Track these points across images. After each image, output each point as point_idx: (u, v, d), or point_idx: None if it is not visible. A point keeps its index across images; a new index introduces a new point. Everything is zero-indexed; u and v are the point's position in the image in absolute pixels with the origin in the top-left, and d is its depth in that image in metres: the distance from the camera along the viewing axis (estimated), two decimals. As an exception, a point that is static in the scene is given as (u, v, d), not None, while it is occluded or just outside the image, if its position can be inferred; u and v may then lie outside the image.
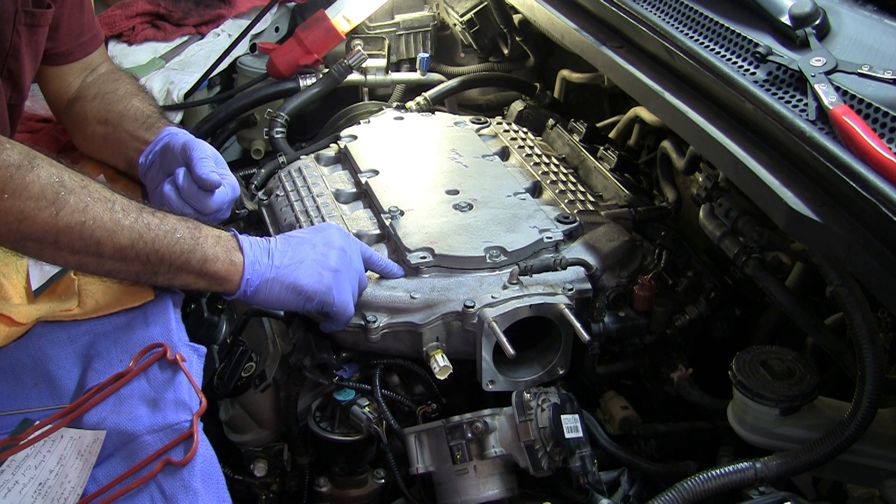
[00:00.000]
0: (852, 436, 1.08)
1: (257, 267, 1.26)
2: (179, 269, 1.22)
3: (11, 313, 1.33)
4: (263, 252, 1.28)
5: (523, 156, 1.77)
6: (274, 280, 1.27)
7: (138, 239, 1.18)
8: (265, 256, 1.28)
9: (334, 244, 1.33)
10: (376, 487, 1.41)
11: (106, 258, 1.18)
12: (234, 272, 1.25)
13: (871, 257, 1.00)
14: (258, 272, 1.26)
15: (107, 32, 2.19)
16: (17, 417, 1.21)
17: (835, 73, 1.16)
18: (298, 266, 1.28)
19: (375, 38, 2.25)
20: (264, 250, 1.28)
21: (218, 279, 1.25)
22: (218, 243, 1.25)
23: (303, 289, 1.27)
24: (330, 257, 1.31)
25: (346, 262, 1.32)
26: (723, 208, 1.42)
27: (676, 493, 1.08)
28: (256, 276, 1.26)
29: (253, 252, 1.27)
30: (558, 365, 1.41)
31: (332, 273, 1.29)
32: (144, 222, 1.19)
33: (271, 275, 1.26)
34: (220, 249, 1.24)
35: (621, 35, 1.54)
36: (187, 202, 1.40)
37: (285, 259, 1.28)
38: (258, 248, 1.28)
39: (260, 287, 1.26)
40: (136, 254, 1.19)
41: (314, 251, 1.31)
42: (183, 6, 2.30)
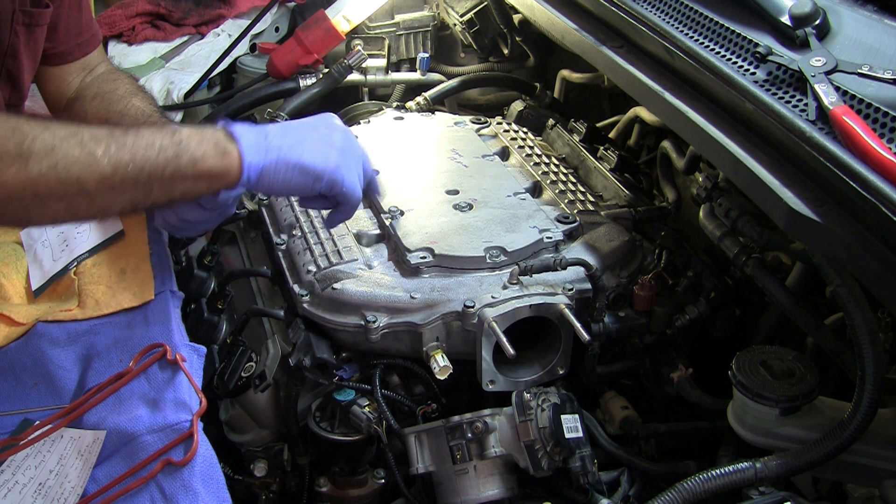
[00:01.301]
0: (852, 436, 1.08)
1: (256, 150, 1.18)
2: (172, 180, 1.14)
3: (11, 313, 1.33)
4: (260, 135, 1.20)
5: (523, 156, 1.77)
6: (278, 161, 1.19)
7: (118, 163, 1.10)
8: (262, 138, 1.20)
9: (336, 126, 1.28)
10: (376, 487, 1.41)
11: (93, 194, 1.10)
12: (231, 163, 1.17)
13: (871, 257, 1.00)
14: (258, 156, 1.18)
15: (107, 32, 2.20)
16: (17, 417, 1.21)
17: (835, 73, 1.16)
18: (301, 143, 1.21)
19: (375, 38, 2.25)
20: (261, 133, 1.20)
21: (215, 175, 1.16)
22: (203, 140, 1.16)
23: (309, 167, 1.20)
24: (333, 137, 1.25)
25: (349, 143, 1.27)
26: (723, 208, 1.42)
27: (676, 493, 1.08)
28: (257, 160, 1.18)
29: (248, 137, 1.19)
30: (558, 365, 1.41)
31: (337, 152, 1.23)
32: (119, 144, 1.11)
33: (273, 156, 1.19)
34: (209, 145, 1.16)
35: (621, 35, 1.54)
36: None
37: (286, 139, 1.21)
38: (253, 133, 1.20)
39: (264, 171, 1.18)
40: (121, 180, 1.10)
41: (316, 132, 1.24)
42: (183, 6, 2.30)
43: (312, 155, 1.21)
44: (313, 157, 1.21)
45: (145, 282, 1.38)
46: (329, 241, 1.49)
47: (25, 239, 1.53)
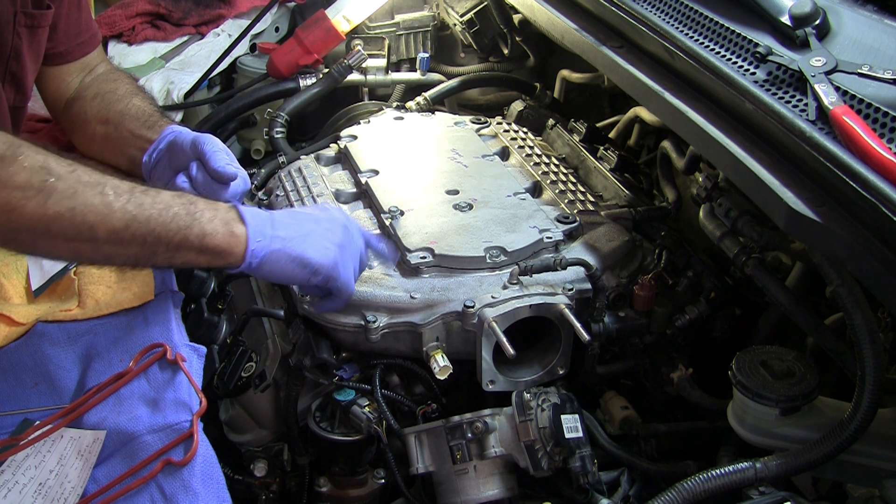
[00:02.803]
0: (852, 436, 1.08)
1: (261, 238, 1.22)
2: (178, 247, 1.18)
3: (11, 313, 1.33)
4: (267, 223, 1.24)
5: (523, 156, 1.77)
6: (280, 252, 1.23)
7: (132, 220, 1.14)
8: (269, 227, 1.24)
9: (338, 220, 1.32)
10: (376, 487, 1.41)
11: (101, 243, 1.14)
12: (237, 244, 1.21)
13: (871, 257, 1.00)
14: (263, 243, 1.22)
15: (107, 32, 2.20)
16: (17, 417, 1.21)
17: (835, 73, 1.16)
18: (305, 238, 1.25)
19: (375, 38, 2.25)
20: (268, 221, 1.24)
21: (219, 253, 1.20)
22: (216, 216, 1.20)
23: (309, 261, 1.24)
24: (335, 232, 1.29)
25: (349, 238, 1.31)
26: (723, 208, 1.42)
27: (676, 493, 1.08)
28: (261, 247, 1.22)
29: (255, 223, 1.23)
30: (558, 365, 1.41)
31: (337, 248, 1.27)
32: (137, 202, 1.15)
33: (277, 246, 1.23)
34: (219, 223, 1.20)
35: (621, 35, 1.54)
36: (202, 195, 1.39)
37: (290, 231, 1.25)
38: (261, 219, 1.24)
39: (265, 258, 1.22)
40: (131, 235, 1.14)
41: (319, 225, 1.29)
42: (183, 6, 2.30)
43: (314, 250, 1.25)
44: (314, 252, 1.25)
45: (145, 282, 1.38)
46: (329, 241, 1.49)
47: (25, 239, 1.53)
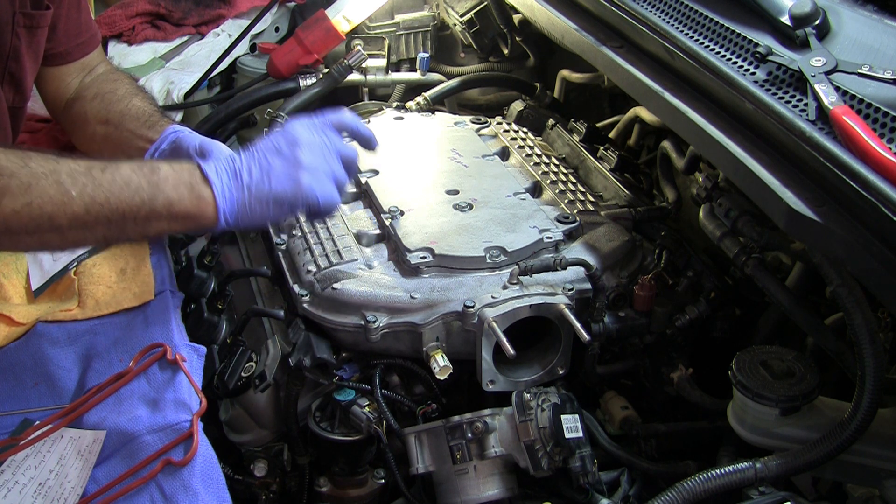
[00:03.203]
0: (852, 436, 1.08)
1: (229, 193, 1.19)
2: (147, 220, 1.16)
3: (11, 313, 1.33)
4: (231, 175, 1.21)
5: (523, 156, 1.77)
6: (252, 200, 1.20)
7: (92, 203, 1.12)
8: (234, 179, 1.21)
9: (300, 141, 1.26)
10: (376, 487, 1.41)
11: (65, 230, 1.12)
12: (206, 206, 1.18)
13: (871, 257, 1.00)
14: (232, 198, 1.19)
15: (106, 32, 2.20)
16: (17, 417, 1.21)
17: (835, 73, 1.16)
18: (269, 176, 1.22)
19: (375, 38, 2.25)
20: (231, 173, 1.21)
21: (190, 217, 1.18)
22: (180, 181, 1.18)
23: (282, 198, 1.21)
24: (299, 156, 1.24)
25: (317, 154, 1.26)
26: (723, 208, 1.42)
27: (676, 493, 1.08)
28: (231, 202, 1.19)
29: (221, 180, 1.20)
30: (558, 365, 1.41)
31: (305, 171, 1.23)
32: (96, 184, 1.12)
33: (246, 195, 1.20)
34: (184, 188, 1.18)
35: (621, 35, 1.54)
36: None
37: (254, 174, 1.22)
38: (225, 174, 1.21)
39: (239, 212, 1.20)
40: (94, 218, 1.12)
41: (280, 156, 1.24)
42: (183, 6, 2.30)
43: (281, 184, 1.21)
44: (283, 187, 1.21)
45: (145, 282, 1.38)
46: (329, 241, 1.49)
47: (25, 239, 1.53)
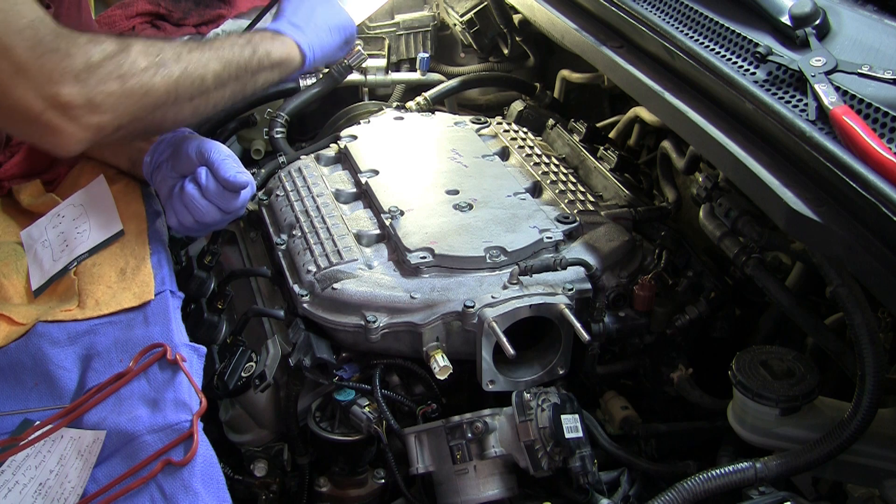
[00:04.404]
0: (852, 436, 1.08)
1: (298, 35, 1.48)
2: (257, 71, 1.41)
3: (11, 313, 1.33)
4: (291, 26, 1.50)
5: (523, 156, 1.77)
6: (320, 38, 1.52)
7: (220, 60, 1.34)
8: (294, 27, 1.50)
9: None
10: (376, 487, 1.41)
11: (210, 91, 1.33)
12: (291, 47, 1.47)
13: (871, 257, 1.00)
14: (304, 38, 1.48)
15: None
16: (17, 417, 1.21)
17: (835, 73, 1.16)
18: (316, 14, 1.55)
19: (375, 38, 2.25)
20: (290, 24, 1.50)
21: (285, 61, 1.46)
22: (265, 38, 1.44)
23: (336, 25, 1.56)
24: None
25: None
26: (723, 208, 1.42)
27: (676, 493, 1.08)
28: (305, 41, 1.48)
29: (287, 29, 1.49)
30: (558, 365, 1.41)
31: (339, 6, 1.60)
32: (215, 48, 1.35)
33: (313, 36, 1.50)
34: (269, 41, 1.44)
35: (621, 35, 1.54)
36: (212, 202, 1.40)
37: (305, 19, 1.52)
38: (287, 25, 1.49)
39: (315, 52, 1.51)
40: (228, 75, 1.35)
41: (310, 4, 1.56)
42: (183, 6, 2.30)
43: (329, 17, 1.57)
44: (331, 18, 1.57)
45: (145, 282, 1.38)
46: (329, 241, 1.49)
47: (25, 239, 1.53)
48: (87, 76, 1.16)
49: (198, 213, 1.40)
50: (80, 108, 1.16)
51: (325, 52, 1.54)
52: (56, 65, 1.14)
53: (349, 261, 1.44)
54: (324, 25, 1.53)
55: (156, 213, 1.54)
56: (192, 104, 1.32)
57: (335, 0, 1.62)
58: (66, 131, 1.17)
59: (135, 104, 1.22)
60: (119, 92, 1.20)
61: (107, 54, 1.19)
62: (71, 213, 1.54)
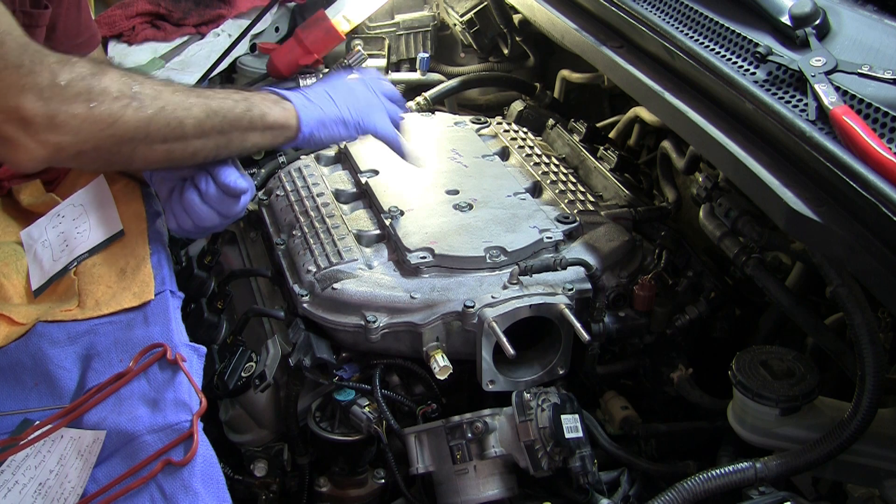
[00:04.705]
0: (852, 436, 1.08)
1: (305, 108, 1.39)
2: (247, 130, 1.33)
3: (11, 313, 1.33)
4: (303, 97, 1.41)
5: (523, 156, 1.77)
6: (321, 119, 1.41)
7: (208, 110, 1.27)
8: (306, 100, 1.41)
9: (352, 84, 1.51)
10: (376, 487, 1.41)
11: (189, 139, 1.26)
12: (290, 117, 1.37)
13: (871, 257, 1.00)
14: (309, 111, 1.39)
15: (106, 33, 2.19)
16: (17, 417, 1.21)
17: (835, 73, 1.16)
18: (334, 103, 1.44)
19: (375, 38, 2.25)
20: (302, 96, 1.41)
21: (280, 127, 1.36)
22: (265, 98, 1.36)
23: (346, 119, 1.43)
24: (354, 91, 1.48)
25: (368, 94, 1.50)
26: (723, 208, 1.42)
27: (676, 493, 1.08)
28: (308, 115, 1.39)
29: (296, 98, 1.40)
30: (558, 365, 1.41)
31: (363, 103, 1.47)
32: (205, 95, 1.29)
33: (318, 114, 1.40)
34: (270, 103, 1.36)
35: (621, 35, 1.54)
36: (212, 207, 1.40)
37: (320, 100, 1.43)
38: (299, 96, 1.41)
39: (313, 128, 1.39)
40: (211, 126, 1.28)
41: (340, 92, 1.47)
42: (183, 6, 2.30)
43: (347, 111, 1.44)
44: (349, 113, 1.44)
45: (145, 282, 1.38)
46: (329, 241, 1.49)
47: (25, 239, 1.53)
48: (52, 94, 1.13)
49: (197, 217, 1.39)
50: (39, 125, 1.12)
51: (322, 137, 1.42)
52: (18, 80, 1.11)
53: (349, 261, 1.44)
54: (335, 116, 1.42)
55: (156, 213, 1.54)
56: (166, 147, 1.25)
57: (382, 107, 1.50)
58: (23, 146, 1.13)
59: (100, 132, 1.17)
60: (84, 115, 1.15)
61: (76, 75, 1.15)
62: (71, 213, 1.54)
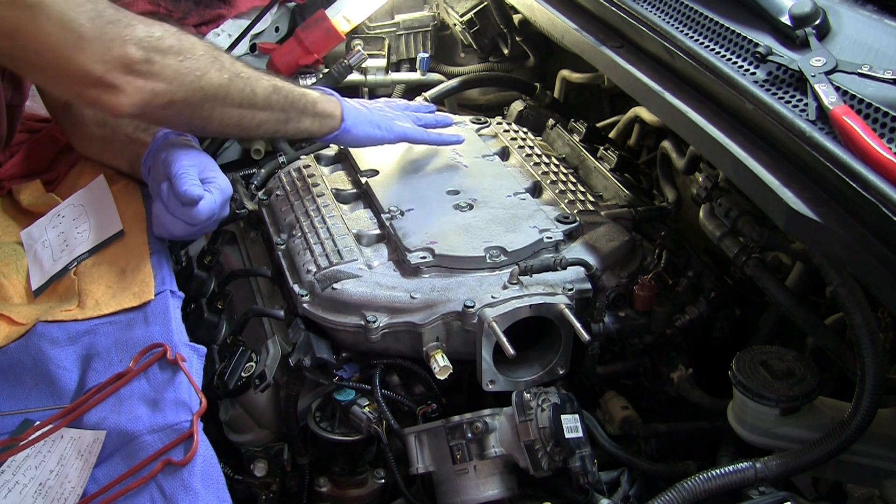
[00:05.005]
0: (852, 436, 1.08)
1: (348, 104, 1.53)
2: (301, 112, 1.45)
3: (11, 313, 1.33)
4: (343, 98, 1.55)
5: (523, 156, 1.77)
6: (359, 117, 1.54)
7: (274, 87, 1.39)
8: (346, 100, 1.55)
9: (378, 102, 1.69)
10: (376, 487, 1.41)
11: (258, 108, 1.37)
12: (336, 108, 1.51)
13: (871, 257, 1.00)
14: (350, 108, 1.53)
15: (107, 32, 2.19)
16: (17, 418, 1.21)
17: (835, 73, 1.16)
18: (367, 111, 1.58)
19: (375, 38, 2.25)
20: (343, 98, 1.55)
21: (328, 115, 1.49)
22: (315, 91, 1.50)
23: (378, 123, 1.56)
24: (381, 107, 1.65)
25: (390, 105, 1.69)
26: (723, 208, 1.42)
27: (676, 493, 1.08)
28: (349, 111, 1.52)
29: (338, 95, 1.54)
30: (558, 365, 1.41)
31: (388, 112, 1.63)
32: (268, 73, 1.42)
33: (357, 114, 1.54)
34: (318, 94, 1.50)
35: (621, 35, 1.54)
36: (175, 215, 1.40)
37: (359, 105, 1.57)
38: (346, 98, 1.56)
39: (354, 122, 1.52)
40: (276, 101, 1.40)
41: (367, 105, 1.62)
42: (183, 6, 2.29)
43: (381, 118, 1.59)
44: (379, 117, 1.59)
45: (145, 282, 1.38)
46: (329, 241, 1.49)
47: (25, 239, 1.53)
48: (149, 44, 1.22)
49: (162, 227, 1.42)
50: (140, 71, 1.22)
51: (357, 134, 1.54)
52: (119, 32, 1.20)
53: (349, 261, 1.44)
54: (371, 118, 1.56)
55: (156, 213, 1.54)
56: (239, 112, 1.35)
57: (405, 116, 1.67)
58: (123, 91, 1.22)
59: (190, 84, 1.26)
60: (176, 66, 1.25)
61: (166, 31, 1.25)
62: (71, 213, 1.54)
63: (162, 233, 1.44)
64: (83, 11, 1.17)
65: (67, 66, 1.19)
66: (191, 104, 1.29)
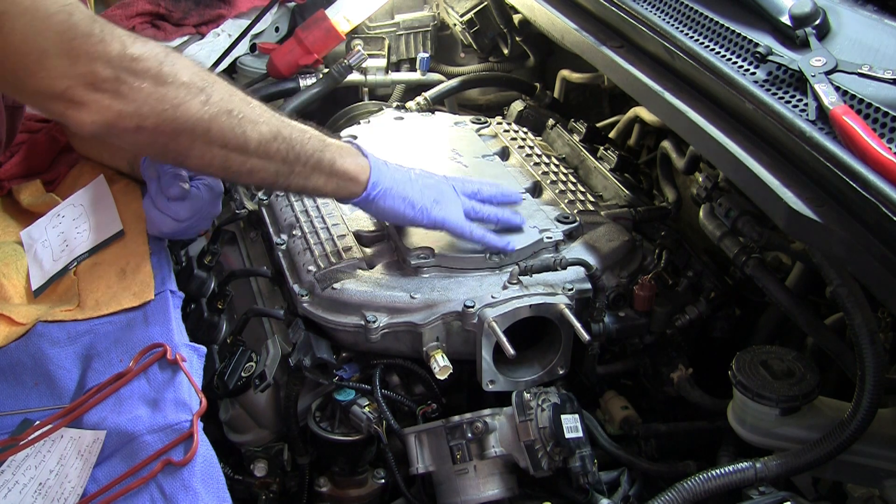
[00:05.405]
0: (852, 436, 1.08)
1: (379, 171, 1.32)
2: (313, 169, 1.26)
3: (11, 313, 1.33)
4: (381, 161, 1.35)
5: (523, 156, 1.77)
6: (392, 188, 1.33)
7: (278, 133, 1.21)
8: (383, 165, 1.35)
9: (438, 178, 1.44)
10: (376, 487, 1.41)
11: (250, 154, 1.20)
12: (362, 172, 1.31)
13: (871, 257, 1.00)
14: (382, 174, 1.32)
15: (107, 32, 2.19)
16: (17, 417, 1.21)
17: (835, 73, 1.16)
18: (408, 181, 1.37)
19: (375, 38, 2.25)
20: (381, 160, 1.35)
21: (348, 178, 1.30)
22: (343, 147, 1.30)
23: (413, 200, 1.35)
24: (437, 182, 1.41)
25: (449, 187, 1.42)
26: (723, 208, 1.42)
27: (676, 493, 1.08)
28: (381, 178, 1.32)
29: (373, 158, 1.33)
30: (558, 365, 1.41)
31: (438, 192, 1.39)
32: (279, 119, 1.23)
33: (390, 182, 1.33)
34: (346, 150, 1.30)
35: (621, 35, 1.54)
36: (162, 211, 1.41)
37: (397, 174, 1.36)
38: (376, 158, 1.34)
39: (382, 192, 1.33)
40: (276, 149, 1.21)
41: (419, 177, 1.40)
42: (183, 6, 2.29)
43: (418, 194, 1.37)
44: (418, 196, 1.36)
45: (145, 282, 1.38)
46: (329, 241, 1.49)
47: (25, 239, 1.53)
48: (121, 63, 1.11)
49: (152, 223, 1.42)
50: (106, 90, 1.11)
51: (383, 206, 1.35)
52: (89, 48, 1.10)
53: (349, 261, 1.44)
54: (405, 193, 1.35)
55: (156, 213, 1.54)
56: (224, 154, 1.19)
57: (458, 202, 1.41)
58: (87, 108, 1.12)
59: (162, 112, 1.13)
60: (149, 91, 1.12)
61: (148, 51, 1.12)
62: (71, 213, 1.54)
63: (152, 230, 1.45)
64: (53, 24, 1.08)
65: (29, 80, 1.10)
66: (163, 133, 1.16)
